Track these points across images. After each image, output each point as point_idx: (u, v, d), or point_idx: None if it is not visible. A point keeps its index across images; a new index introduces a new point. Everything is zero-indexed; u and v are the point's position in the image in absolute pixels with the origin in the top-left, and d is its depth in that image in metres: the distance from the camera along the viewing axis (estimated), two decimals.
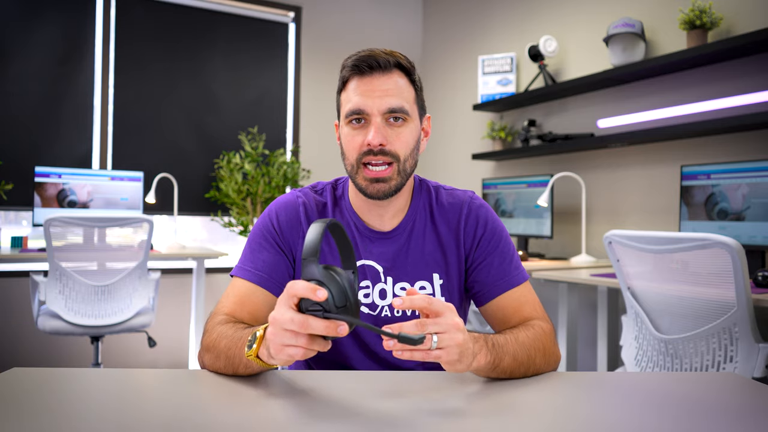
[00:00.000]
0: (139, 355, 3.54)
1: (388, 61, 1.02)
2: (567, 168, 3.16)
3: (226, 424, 0.69)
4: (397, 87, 1.02)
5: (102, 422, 0.70)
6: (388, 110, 1.01)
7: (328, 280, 0.73)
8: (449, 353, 0.77)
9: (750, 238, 2.11)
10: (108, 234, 2.64)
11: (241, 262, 1.07)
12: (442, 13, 4.24)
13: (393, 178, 1.02)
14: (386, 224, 1.10)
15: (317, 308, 0.72)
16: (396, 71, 1.03)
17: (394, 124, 1.02)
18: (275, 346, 0.75)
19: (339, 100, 1.08)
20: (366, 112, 1.01)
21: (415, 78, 1.07)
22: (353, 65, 1.03)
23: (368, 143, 1.00)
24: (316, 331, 0.72)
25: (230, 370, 0.89)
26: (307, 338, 0.73)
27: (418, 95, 1.08)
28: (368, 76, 1.02)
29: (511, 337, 0.93)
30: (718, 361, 1.63)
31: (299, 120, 4.05)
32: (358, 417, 0.72)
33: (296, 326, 0.72)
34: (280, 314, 0.74)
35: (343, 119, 1.05)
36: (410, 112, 1.04)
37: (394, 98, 1.01)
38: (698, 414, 0.76)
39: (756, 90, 2.34)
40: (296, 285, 0.73)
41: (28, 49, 3.31)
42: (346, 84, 1.05)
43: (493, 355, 0.87)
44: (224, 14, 3.85)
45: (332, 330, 0.71)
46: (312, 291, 0.71)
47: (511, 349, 0.90)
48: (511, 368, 0.90)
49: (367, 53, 1.03)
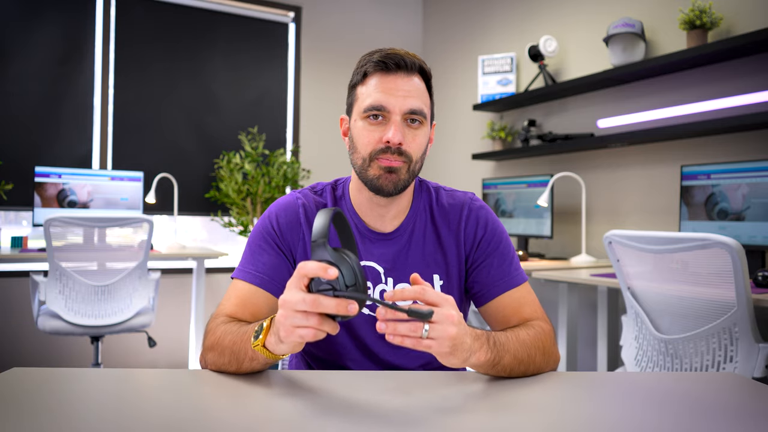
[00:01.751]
0: (139, 355, 3.54)
1: (413, 63, 1.03)
2: (567, 168, 3.16)
3: (227, 424, 0.69)
4: (418, 90, 1.03)
5: (102, 422, 0.70)
6: (409, 111, 1.01)
7: (338, 260, 0.74)
8: (440, 345, 0.78)
9: (750, 238, 2.11)
10: (108, 234, 2.64)
11: (242, 265, 1.08)
12: (442, 13, 4.24)
13: (404, 173, 1.03)
14: (387, 225, 1.10)
15: (327, 287, 0.73)
16: (417, 74, 1.04)
17: (412, 126, 1.03)
18: (286, 328, 0.76)
19: (354, 93, 1.06)
20: (387, 110, 1.01)
21: (431, 85, 1.08)
22: (379, 61, 1.02)
23: (387, 140, 1.00)
24: (327, 309, 0.73)
25: (234, 365, 0.89)
26: (317, 318, 0.74)
27: (432, 102, 1.09)
28: (393, 74, 1.02)
29: (512, 335, 0.93)
30: (718, 361, 1.63)
31: (299, 120, 4.05)
32: (358, 417, 0.72)
33: (307, 306, 0.73)
34: (291, 295, 0.75)
35: (359, 113, 1.04)
36: (426, 116, 1.04)
37: (416, 100, 1.02)
38: (698, 414, 0.76)
39: (756, 90, 2.34)
40: (307, 265, 0.74)
41: (28, 49, 3.31)
42: (365, 79, 1.04)
43: (493, 352, 0.87)
44: (224, 14, 3.86)
45: (343, 308, 0.72)
46: (323, 269, 0.72)
47: (512, 347, 0.91)
48: (511, 366, 0.90)
49: (393, 52, 1.03)
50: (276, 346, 0.81)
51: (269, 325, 0.83)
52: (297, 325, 0.75)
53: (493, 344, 0.88)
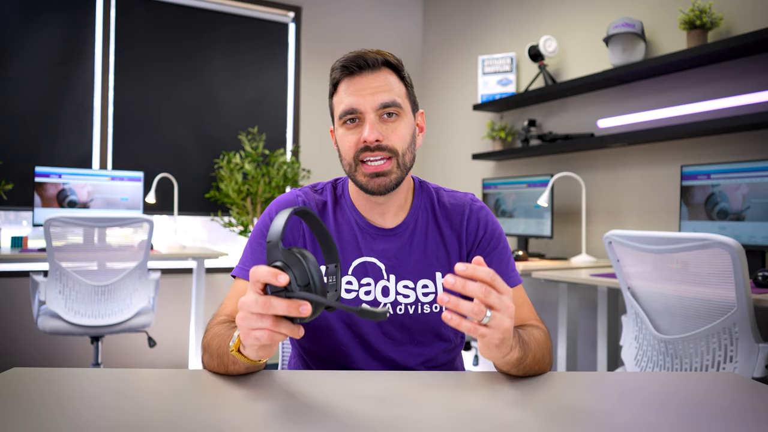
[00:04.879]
0: (139, 355, 3.54)
1: (376, 60, 1.03)
2: (567, 168, 3.15)
3: (226, 424, 0.69)
4: (387, 83, 1.03)
5: (102, 422, 0.70)
6: (381, 106, 1.01)
7: (290, 261, 0.72)
8: (494, 335, 0.76)
9: (750, 238, 2.11)
10: (108, 234, 2.64)
11: (242, 263, 1.08)
12: (442, 13, 4.24)
13: (393, 171, 1.03)
14: (388, 222, 1.10)
15: (280, 290, 0.72)
16: (385, 69, 1.04)
17: (388, 120, 1.03)
18: (243, 330, 0.75)
19: (331, 104, 1.08)
20: (359, 111, 1.02)
21: (404, 74, 1.07)
22: (342, 66, 1.03)
23: (364, 140, 1.00)
24: (279, 311, 0.71)
25: (222, 369, 0.89)
26: (272, 320, 0.73)
27: (409, 91, 1.08)
28: (358, 75, 1.03)
29: (530, 335, 0.94)
30: (718, 361, 1.63)
31: (299, 120, 4.05)
32: (358, 417, 0.72)
33: (259, 307, 0.72)
34: (246, 297, 0.74)
35: (337, 121, 1.06)
36: (403, 107, 1.04)
37: (386, 94, 1.02)
38: (698, 414, 0.76)
39: (756, 90, 2.34)
40: (258, 270, 0.73)
41: (28, 49, 3.31)
42: (336, 87, 1.06)
43: (523, 351, 0.87)
44: (224, 14, 3.86)
45: (294, 309, 0.71)
46: (273, 276, 0.71)
47: (533, 347, 0.91)
48: (530, 366, 0.90)
49: (354, 54, 1.03)
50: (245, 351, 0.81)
51: None
52: (252, 327, 0.74)
53: (523, 343, 0.88)
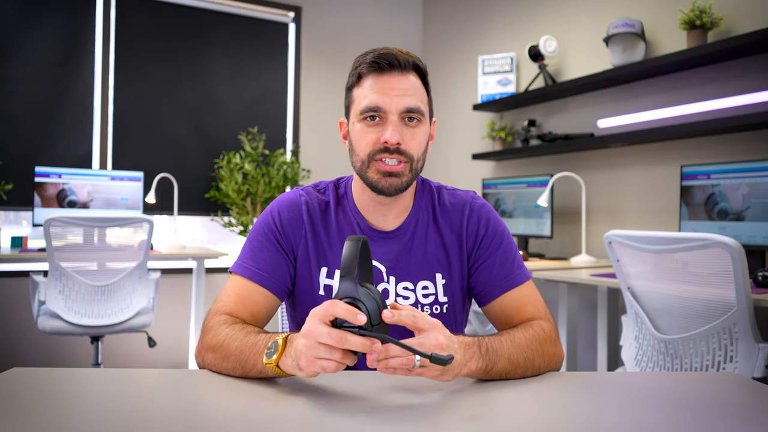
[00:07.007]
0: (139, 355, 3.54)
1: (407, 61, 1.02)
2: (567, 168, 3.15)
3: (227, 424, 0.69)
4: (413, 88, 1.02)
5: (102, 422, 0.70)
6: (405, 110, 1.00)
7: (365, 298, 0.75)
8: (431, 370, 0.79)
9: (750, 238, 2.11)
10: (108, 234, 2.63)
11: (241, 260, 1.06)
12: (442, 13, 4.24)
13: (405, 174, 1.02)
14: (389, 224, 1.10)
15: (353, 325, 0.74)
16: (413, 72, 1.03)
17: (410, 125, 1.02)
18: (308, 358, 0.76)
19: (350, 96, 1.06)
20: (383, 110, 1.00)
21: (428, 81, 1.07)
22: (372, 62, 1.01)
23: (385, 141, 0.99)
24: (353, 347, 0.74)
25: (239, 372, 0.89)
26: (341, 353, 0.75)
27: (429, 98, 1.08)
28: (387, 74, 1.01)
29: (507, 338, 0.93)
30: (718, 361, 1.63)
31: (299, 120, 4.05)
32: (359, 417, 0.72)
33: (333, 341, 0.74)
34: (316, 327, 0.75)
35: (356, 115, 1.03)
36: (424, 113, 1.04)
37: (412, 98, 1.01)
38: (698, 414, 0.76)
39: (756, 90, 2.34)
40: (337, 306, 0.75)
41: (28, 49, 3.31)
42: (360, 80, 1.03)
43: (485, 360, 0.87)
44: (224, 14, 3.85)
45: (368, 347, 0.74)
46: (353, 315, 0.73)
47: (506, 352, 0.90)
48: (506, 370, 0.90)
49: (386, 51, 1.02)
50: (292, 370, 0.81)
51: (284, 344, 0.82)
52: (320, 356, 0.75)
53: (486, 351, 0.87)
